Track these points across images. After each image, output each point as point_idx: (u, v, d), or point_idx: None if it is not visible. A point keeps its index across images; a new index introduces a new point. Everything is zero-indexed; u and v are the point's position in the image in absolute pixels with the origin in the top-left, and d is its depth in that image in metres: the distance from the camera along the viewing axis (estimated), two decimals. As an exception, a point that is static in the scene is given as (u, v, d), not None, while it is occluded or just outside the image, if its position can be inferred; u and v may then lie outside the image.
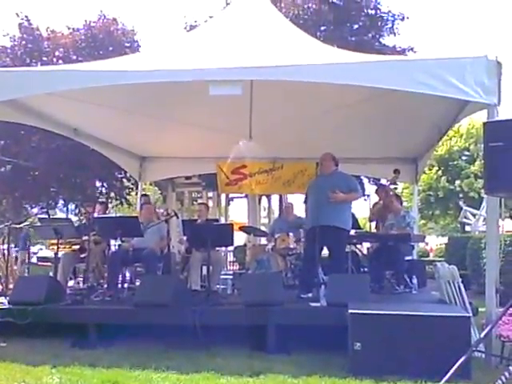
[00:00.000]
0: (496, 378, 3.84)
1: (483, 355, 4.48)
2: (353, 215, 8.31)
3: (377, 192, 8.74)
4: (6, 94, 5.50)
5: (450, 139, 24.68)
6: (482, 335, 4.27)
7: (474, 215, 17.91)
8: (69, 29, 19.77)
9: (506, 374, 3.83)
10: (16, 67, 13.48)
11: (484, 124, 4.38)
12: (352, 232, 7.72)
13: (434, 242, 30.05)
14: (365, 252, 8.47)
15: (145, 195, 9.78)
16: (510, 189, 4.14)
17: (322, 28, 16.75)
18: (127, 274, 7.25)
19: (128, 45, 19.91)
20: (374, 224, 8.63)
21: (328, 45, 7.69)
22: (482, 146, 4.23)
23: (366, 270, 7.93)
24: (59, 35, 19.42)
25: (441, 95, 4.89)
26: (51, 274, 6.68)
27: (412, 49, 17.45)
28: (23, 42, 19.16)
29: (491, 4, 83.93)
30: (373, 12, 17.60)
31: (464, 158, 25.02)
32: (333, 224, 6.19)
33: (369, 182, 17.55)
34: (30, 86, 5.45)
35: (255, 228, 11.55)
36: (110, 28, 19.80)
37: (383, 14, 17.62)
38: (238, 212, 21.42)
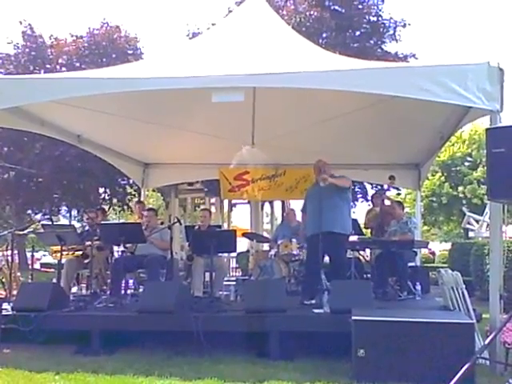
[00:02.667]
0: (500, 385, 3.85)
1: (487, 362, 4.46)
2: (355, 221, 8.36)
3: (372, 199, 8.75)
4: (9, 101, 5.53)
5: (453, 145, 24.62)
6: (487, 342, 4.24)
7: (477, 221, 17.83)
8: (72, 36, 19.89)
9: (511, 381, 3.82)
10: (19, 75, 13.56)
11: (487, 130, 4.37)
12: (355, 238, 7.74)
13: (438, 248, 29.98)
14: (368, 258, 8.45)
15: (140, 202, 9.79)
16: (512, 195, 4.14)
17: (324, 35, 16.78)
18: (130, 281, 7.25)
19: (131, 52, 20.00)
20: (370, 230, 8.68)
21: (330, 52, 7.72)
22: (485, 152, 4.23)
23: (369, 276, 7.92)
24: (62, 43, 19.53)
25: (443, 102, 4.90)
26: (54, 280, 6.68)
27: (414, 55, 17.49)
28: (27, 50, 19.29)
29: (493, 10, 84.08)
30: (374, 19, 17.66)
31: (467, 163, 24.95)
32: (334, 230, 6.22)
33: (372, 187, 17.54)
34: (34, 93, 5.47)
35: (258, 234, 11.56)
36: (113, 35, 19.89)
37: (385, 21, 17.69)
38: (240, 218, 21.41)
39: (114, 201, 22.02)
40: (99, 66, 13.31)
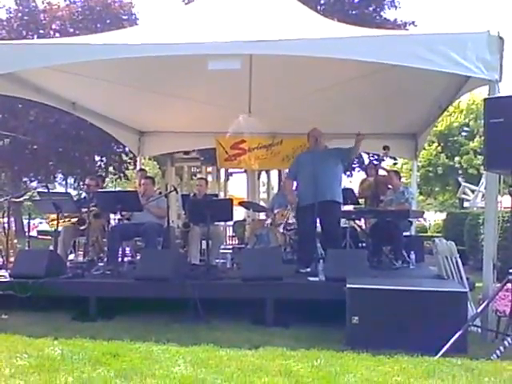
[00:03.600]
0: (491, 352, 3.92)
1: (479, 330, 4.54)
2: (351, 190, 8.40)
3: (366, 169, 8.73)
4: (3, 67, 5.43)
5: (450, 115, 24.57)
6: (479, 310, 4.33)
7: (472, 191, 17.90)
8: (65, 1, 19.54)
9: (501, 348, 3.90)
10: (12, 40, 13.32)
11: (485, 100, 4.36)
12: (351, 207, 7.78)
13: (433, 218, 30.18)
14: (364, 227, 8.51)
15: (142, 169, 9.76)
16: (509, 165, 4.15)
17: (322, 1, 16.53)
18: (127, 249, 7.29)
19: (125, 18, 19.70)
20: (364, 200, 8.72)
21: (328, 19, 7.61)
22: (482, 122, 4.21)
23: (364, 245, 7.98)
24: (55, 7, 19.21)
25: (442, 70, 4.85)
26: (51, 247, 6.70)
27: (413, 22, 17.27)
28: (19, 15, 18.95)
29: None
30: (374, -15, 17.35)
31: (464, 134, 24.96)
32: (331, 199, 6.27)
33: (368, 157, 17.52)
34: (28, 59, 5.38)
35: (254, 203, 11.59)
36: (108, 0, 19.52)
37: (384, -13, 17.39)
38: (237, 187, 21.40)
39: (110, 169, 21.98)
40: (93, 32, 13.07)
